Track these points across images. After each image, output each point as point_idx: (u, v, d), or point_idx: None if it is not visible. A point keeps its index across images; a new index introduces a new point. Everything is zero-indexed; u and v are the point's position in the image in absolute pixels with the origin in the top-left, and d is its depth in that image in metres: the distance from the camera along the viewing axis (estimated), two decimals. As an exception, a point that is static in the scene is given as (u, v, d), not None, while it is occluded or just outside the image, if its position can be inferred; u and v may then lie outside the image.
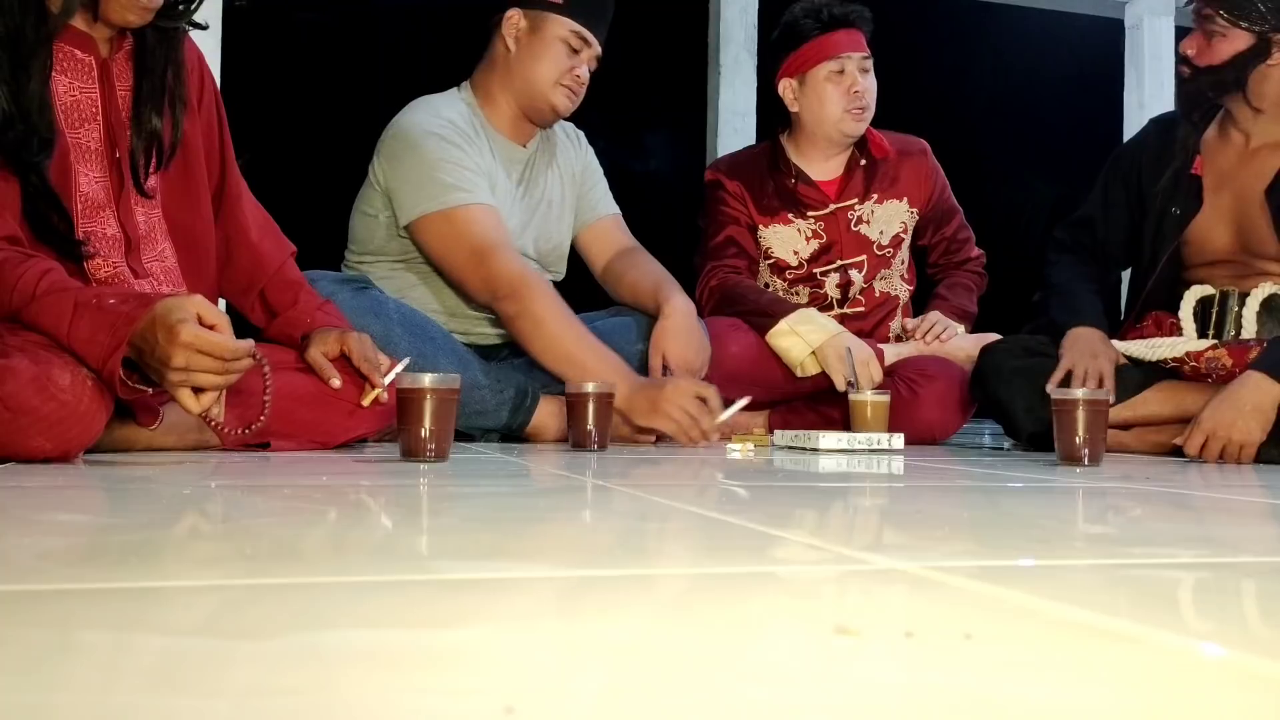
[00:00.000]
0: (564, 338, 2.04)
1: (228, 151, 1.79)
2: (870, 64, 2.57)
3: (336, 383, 1.69)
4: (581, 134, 2.50)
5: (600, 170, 2.50)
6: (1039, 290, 2.28)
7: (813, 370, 2.43)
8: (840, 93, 2.55)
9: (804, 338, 2.42)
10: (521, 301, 2.04)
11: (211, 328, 1.33)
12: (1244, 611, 0.56)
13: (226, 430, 1.53)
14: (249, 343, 1.38)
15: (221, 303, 2.37)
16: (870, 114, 2.58)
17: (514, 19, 2.23)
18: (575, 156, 2.45)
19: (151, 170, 1.61)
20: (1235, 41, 2.01)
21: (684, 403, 2.00)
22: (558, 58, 2.22)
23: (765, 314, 2.46)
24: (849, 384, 2.31)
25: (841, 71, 2.54)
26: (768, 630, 0.48)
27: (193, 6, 1.60)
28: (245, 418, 1.57)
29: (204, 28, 1.65)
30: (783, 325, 2.43)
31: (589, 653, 0.43)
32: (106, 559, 0.65)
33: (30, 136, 1.44)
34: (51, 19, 1.47)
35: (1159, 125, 2.28)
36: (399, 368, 1.70)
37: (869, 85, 2.56)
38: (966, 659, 0.43)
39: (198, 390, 1.35)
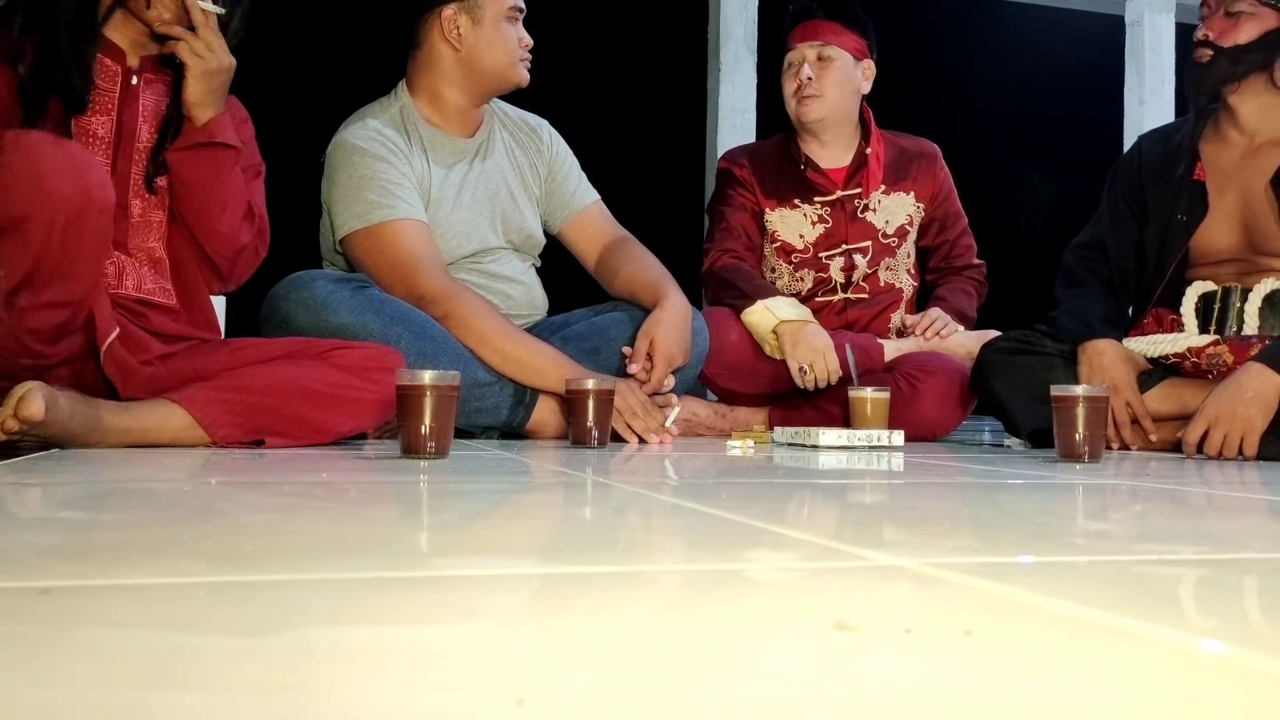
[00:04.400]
0: (494, 335, 2.08)
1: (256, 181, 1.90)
2: (832, 51, 2.57)
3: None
4: (544, 123, 2.49)
5: (573, 158, 2.49)
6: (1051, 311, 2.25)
7: (775, 352, 2.44)
8: (791, 83, 2.61)
9: (774, 312, 2.43)
10: (446, 307, 2.07)
11: None
12: (1245, 608, 0.56)
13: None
14: None
15: (220, 305, 2.37)
16: (827, 101, 2.58)
17: (451, 18, 2.23)
18: (539, 149, 2.44)
19: (158, 173, 1.75)
20: (1264, 21, 1.99)
21: (633, 394, 2.08)
22: (508, 38, 2.24)
23: (745, 295, 2.48)
24: (848, 380, 2.31)
25: (794, 65, 2.60)
26: (768, 626, 0.48)
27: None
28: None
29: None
30: (757, 305, 2.45)
31: (592, 648, 0.43)
32: (105, 555, 0.65)
33: (67, 81, 1.61)
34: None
35: (1151, 140, 2.27)
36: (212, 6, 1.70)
37: (823, 74, 2.57)
38: (966, 655, 0.43)
39: None
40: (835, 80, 2.59)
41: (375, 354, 1.79)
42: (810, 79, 2.57)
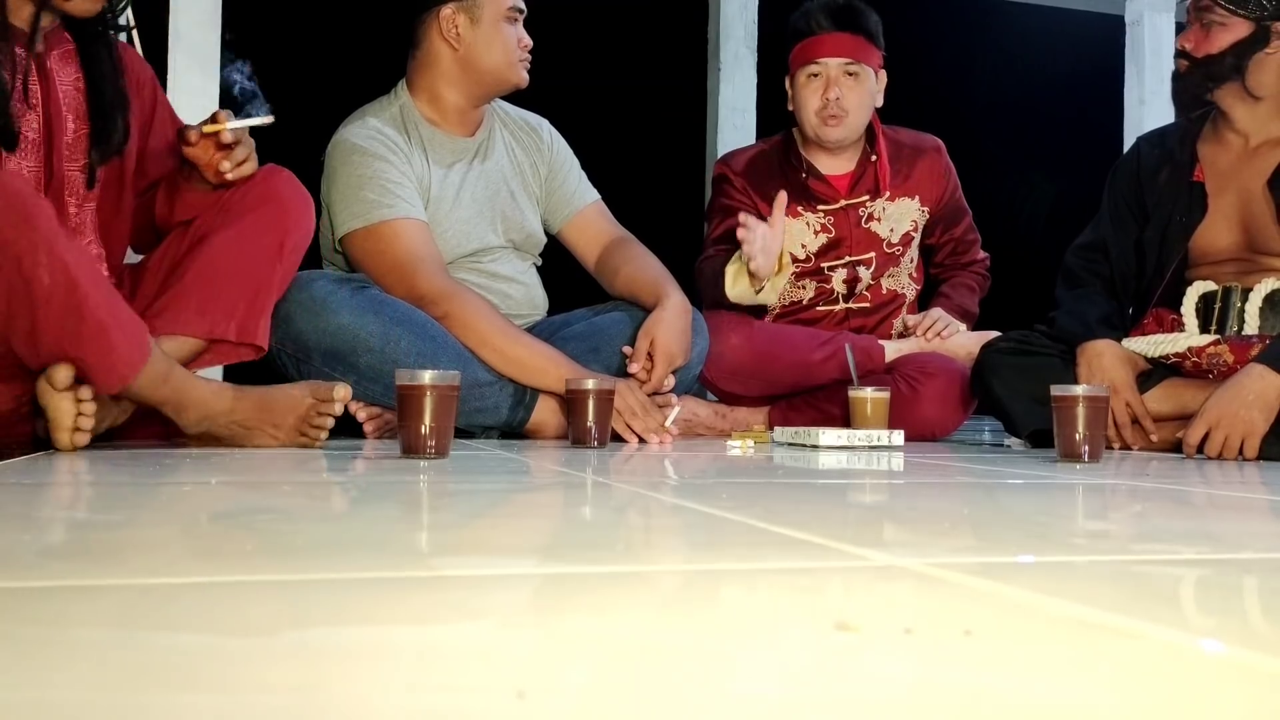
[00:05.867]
0: (493, 335, 2.08)
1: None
2: (860, 69, 2.51)
3: (194, 135, 1.66)
4: (545, 122, 2.48)
5: (573, 158, 2.49)
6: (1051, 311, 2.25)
7: (744, 284, 2.39)
8: (815, 99, 2.54)
9: (736, 263, 2.40)
10: (446, 306, 2.07)
11: None
12: (1245, 608, 0.56)
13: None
14: None
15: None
16: (850, 121, 2.53)
17: (449, 17, 2.22)
18: (539, 148, 2.44)
19: (101, 163, 1.68)
20: (1235, 30, 2.00)
21: (633, 394, 2.08)
22: (506, 39, 2.23)
23: (716, 285, 2.45)
24: (848, 381, 2.30)
25: (817, 76, 2.53)
26: (768, 626, 0.48)
27: (119, 7, 1.68)
28: None
29: (126, 29, 1.71)
30: (725, 277, 2.42)
31: (592, 647, 0.43)
32: (105, 555, 0.65)
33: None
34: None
35: (1149, 142, 2.27)
36: (254, 121, 1.67)
37: (850, 93, 2.52)
38: (966, 655, 0.43)
39: None
40: (859, 100, 2.53)
41: (258, 180, 1.75)
42: (839, 99, 2.51)
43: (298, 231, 1.79)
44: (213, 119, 1.67)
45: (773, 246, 2.29)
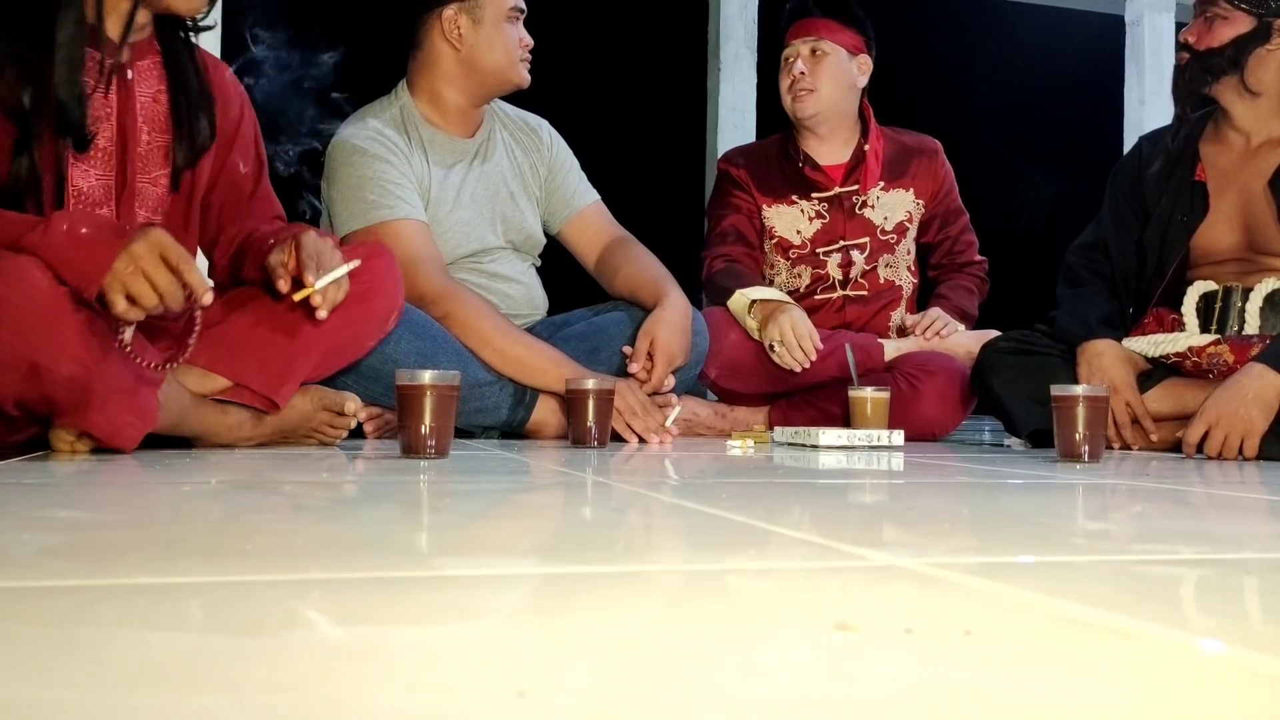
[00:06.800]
0: (494, 335, 2.09)
1: (263, 178, 1.83)
2: (827, 46, 2.59)
3: (283, 286, 1.56)
4: (544, 123, 2.49)
5: (572, 159, 2.49)
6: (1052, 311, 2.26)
7: (756, 333, 2.46)
8: (786, 79, 2.64)
9: (748, 295, 2.48)
10: (446, 307, 2.08)
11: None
12: (1245, 608, 0.56)
13: (145, 362, 1.48)
14: (209, 287, 1.42)
15: None
16: (820, 97, 2.60)
17: (451, 18, 2.22)
18: (539, 149, 2.44)
19: (186, 165, 1.65)
20: (1236, 24, 2.01)
21: (633, 394, 2.09)
22: (508, 39, 2.24)
23: (728, 290, 2.52)
24: (848, 380, 2.31)
25: (788, 60, 2.63)
26: (768, 626, 0.48)
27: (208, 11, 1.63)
28: (168, 352, 1.55)
29: (209, 28, 1.68)
30: (736, 294, 2.50)
31: (592, 647, 0.43)
32: (105, 556, 0.65)
33: (69, 126, 1.49)
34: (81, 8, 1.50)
35: (1151, 141, 2.27)
36: (342, 269, 1.60)
37: (816, 69, 2.59)
38: (966, 655, 0.43)
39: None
40: (829, 75, 2.60)
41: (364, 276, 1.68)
42: (803, 74, 2.59)
43: (366, 312, 1.76)
44: (295, 274, 1.57)
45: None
